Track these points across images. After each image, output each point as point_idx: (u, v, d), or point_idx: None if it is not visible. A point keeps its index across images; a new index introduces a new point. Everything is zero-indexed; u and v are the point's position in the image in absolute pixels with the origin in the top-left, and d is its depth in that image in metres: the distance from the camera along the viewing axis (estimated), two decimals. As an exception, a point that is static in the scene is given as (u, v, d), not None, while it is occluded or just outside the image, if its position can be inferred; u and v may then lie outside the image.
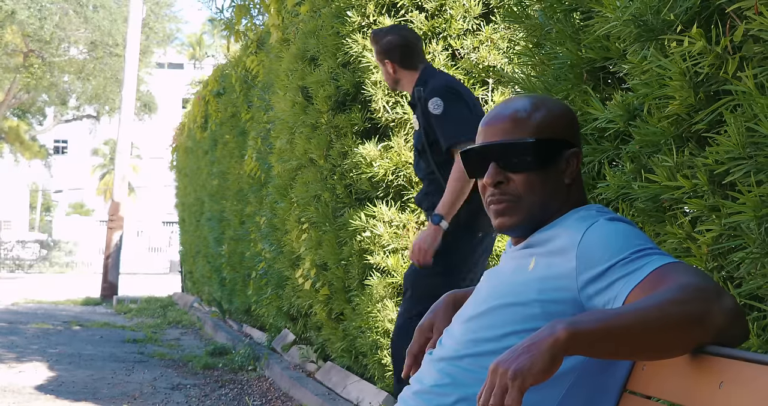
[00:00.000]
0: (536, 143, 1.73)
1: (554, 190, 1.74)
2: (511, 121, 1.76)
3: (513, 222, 1.74)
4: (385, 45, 4.07)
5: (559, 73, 2.77)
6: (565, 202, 1.75)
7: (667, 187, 2.22)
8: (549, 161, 1.73)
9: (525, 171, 1.73)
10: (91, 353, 8.68)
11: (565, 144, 1.76)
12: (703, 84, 2.15)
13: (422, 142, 3.93)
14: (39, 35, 25.37)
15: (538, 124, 1.74)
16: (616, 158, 2.60)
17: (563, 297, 1.57)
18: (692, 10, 2.18)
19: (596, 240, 1.57)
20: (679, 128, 2.25)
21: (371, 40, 4.12)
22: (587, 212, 1.68)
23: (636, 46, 2.38)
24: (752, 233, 1.98)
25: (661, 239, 2.28)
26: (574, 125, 1.79)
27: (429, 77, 4.01)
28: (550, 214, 1.74)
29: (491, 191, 1.75)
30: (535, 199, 1.72)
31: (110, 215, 16.82)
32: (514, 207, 1.73)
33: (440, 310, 1.92)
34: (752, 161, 1.98)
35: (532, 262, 1.65)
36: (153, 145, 49.96)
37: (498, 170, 1.74)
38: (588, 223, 1.61)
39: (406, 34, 4.10)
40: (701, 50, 2.10)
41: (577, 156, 1.76)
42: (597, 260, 1.54)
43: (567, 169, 1.75)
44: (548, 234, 1.68)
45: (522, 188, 1.73)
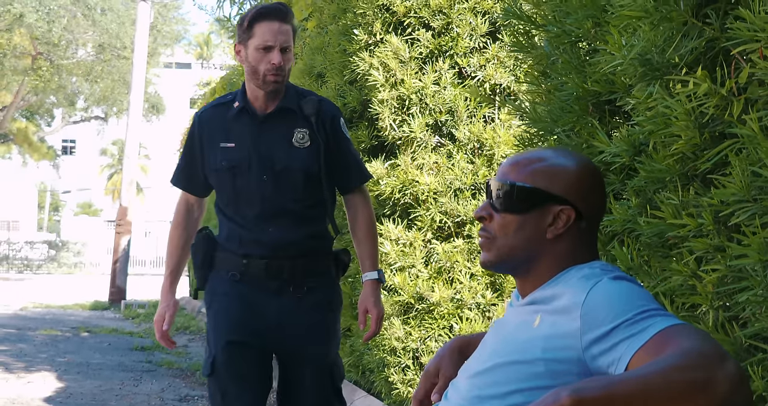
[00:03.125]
0: (514, 188, 1.76)
1: (530, 240, 1.75)
2: (514, 164, 1.81)
3: (486, 259, 1.79)
4: (296, 27, 3.43)
5: (564, 105, 2.78)
6: (548, 256, 1.75)
7: (672, 224, 2.22)
8: (527, 209, 1.75)
9: (503, 212, 1.77)
10: (99, 362, 8.71)
11: (554, 199, 1.75)
12: (708, 124, 2.15)
13: (319, 163, 3.31)
14: (47, 38, 25.44)
15: (533, 172, 1.77)
16: (622, 191, 2.61)
17: (567, 356, 1.58)
18: (697, 50, 2.18)
19: (600, 300, 1.57)
20: (684, 166, 2.26)
21: (288, 16, 3.33)
22: (591, 270, 1.68)
23: (642, 84, 2.38)
24: (757, 276, 1.99)
25: (666, 276, 2.29)
26: (582, 185, 1.77)
27: (301, 88, 3.51)
28: (526, 263, 1.76)
29: (481, 226, 1.82)
30: (505, 243, 1.76)
31: (118, 219, 16.86)
32: (489, 245, 1.78)
33: (446, 355, 1.93)
34: (757, 205, 1.99)
35: (537, 319, 1.66)
36: (161, 144, 50.04)
37: (486, 206, 1.80)
38: (592, 282, 1.62)
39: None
40: (707, 91, 2.10)
41: (569, 215, 1.75)
42: (601, 320, 1.55)
43: (552, 225, 1.75)
44: (552, 291, 1.69)
45: (497, 228, 1.77)
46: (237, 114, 3.34)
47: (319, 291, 3.33)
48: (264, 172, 3.29)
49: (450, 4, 4.77)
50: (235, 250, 3.29)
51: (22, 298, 18.00)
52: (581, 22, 2.70)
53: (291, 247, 3.28)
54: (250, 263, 3.27)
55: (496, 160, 4.69)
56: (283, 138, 3.32)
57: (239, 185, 3.31)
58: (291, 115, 3.34)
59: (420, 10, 4.80)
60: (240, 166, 3.30)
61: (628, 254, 2.40)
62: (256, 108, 3.34)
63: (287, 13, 3.33)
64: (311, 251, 3.33)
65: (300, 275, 3.29)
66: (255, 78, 3.28)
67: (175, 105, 48.45)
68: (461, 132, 4.70)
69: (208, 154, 3.36)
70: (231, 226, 3.33)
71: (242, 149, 3.31)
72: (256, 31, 3.26)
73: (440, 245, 4.64)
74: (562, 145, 2.78)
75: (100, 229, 43.33)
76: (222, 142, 3.34)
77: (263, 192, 3.28)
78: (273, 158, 3.29)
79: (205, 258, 3.33)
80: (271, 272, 3.27)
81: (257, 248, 3.27)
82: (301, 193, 3.30)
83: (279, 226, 3.28)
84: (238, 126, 3.34)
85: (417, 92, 4.74)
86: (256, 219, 3.29)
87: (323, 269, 3.37)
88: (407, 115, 4.80)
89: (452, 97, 4.70)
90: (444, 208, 4.65)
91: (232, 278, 3.28)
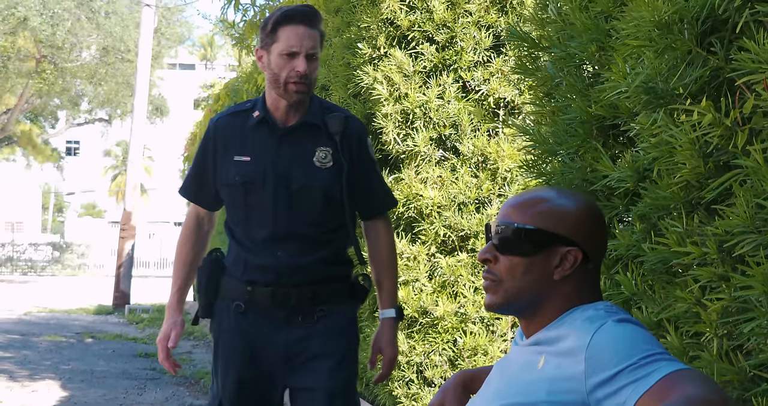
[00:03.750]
0: (519, 230, 1.75)
1: (537, 282, 1.75)
2: (516, 206, 1.80)
3: (492, 301, 1.78)
4: (323, 33, 3.16)
5: (568, 128, 2.78)
6: (554, 297, 1.75)
7: (676, 252, 2.22)
8: (534, 252, 1.75)
9: (509, 254, 1.76)
10: (104, 369, 8.71)
11: (560, 240, 1.76)
12: (712, 154, 2.15)
13: (341, 186, 3.08)
14: (51, 41, 25.46)
15: (537, 214, 1.77)
16: (626, 215, 2.61)
17: (572, 399, 1.58)
18: (702, 79, 2.18)
19: (604, 343, 1.58)
20: (689, 194, 2.25)
21: (315, 20, 3.07)
22: (596, 312, 1.68)
23: (646, 111, 2.38)
24: (762, 307, 1.98)
25: (670, 303, 2.29)
26: (586, 225, 1.77)
27: (326, 101, 3.28)
28: (533, 304, 1.76)
29: (484, 268, 1.81)
30: (513, 285, 1.75)
31: (122, 224, 16.88)
32: (495, 287, 1.77)
33: (450, 390, 1.93)
34: (762, 236, 1.98)
35: (542, 360, 1.66)
36: (165, 146, 50.06)
37: (490, 248, 1.79)
38: (596, 324, 1.62)
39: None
40: (711, 121, 2.10)
41: (576, 256, 1.75)
42: (605, 364, 1.55)
43: (559, 266, 1.75)
44: (556, 333, 1.69)
45: (503, 271, 1.76)
46: (256, 125, 3.09)
47: (332, 320, 3.06)
48: (279, 191, 3.05)
49: (454, 18, 4.78)
50: (239, 276, 3.08)
51: (27, 302, 18.03)
52: (585, 46, 2.69)
53: (298, 273, 3.03)
54: (255, 291, 3.05)
55: (500, 174, 4.69)
56: (303, 156, 3.07)
57: (252, 203, 3.07)
58: (314, 131, 3.09)
59: (424, 24, 4.80)
60: (254, 183, 3.06)
61: (632, 280, 2.40)
62: (277, 119, 3.09)
63: (315, 17, 3.07)
64: (322, 278, 3.07)
65: (309, 303, 3.03)
66: (277, 86, 3.03)
67: (178, 106, 48.47)
68: (465, 146, 4.70)
69: (221, 166, 3.12)
70: (238, 249, 3.11)
71: (258, 164, 3.06)
72: (280, 36, 3.01)
73: (444, 259, 4.64)
74: (566, 168, 2.79)
75: (104, 230, 43.36)
76: (237, 155, 3.09)
77: (276, 213, 3.05)
78: (290, 177, 3.05)
79: (210, 284, 3.11)
80: (277, 300, 3.02)
81: (262, 275, 3.04)
82: (319, 217, 3.06)
83: (288, 250, 3.03)
84: (255, 138, 3.09)
85: (421, 106, 4.74)
86: (265, 242, 3.05)
87: (337, 296, 3.10)
88: (411, 129, 4.80)
89: (456, 111, 4.70)
90: (448, 222, 4.65)
91: (236, 309, 3.06)
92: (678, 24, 2.17)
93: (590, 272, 1.77)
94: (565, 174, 2.77)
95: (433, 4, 4.77)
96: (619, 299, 2.45)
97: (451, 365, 4.62)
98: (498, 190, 4.71)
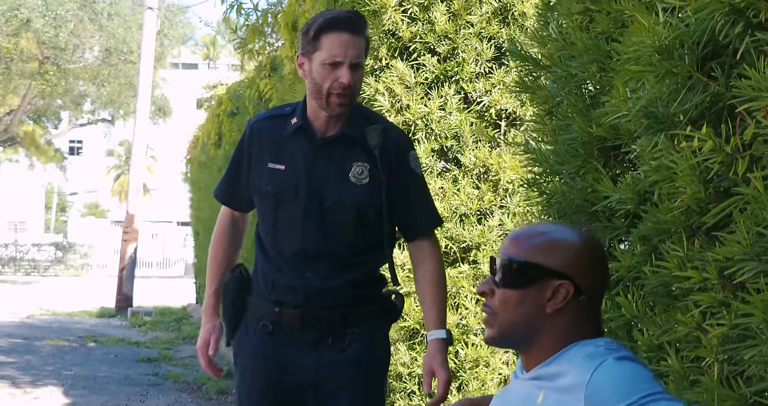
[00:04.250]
0: (511, 263, 1.77)
1: (530, 315, 1.75)
2: (514, 239, 1.82)
3: (489, 335, 1.79)
4: (369, 40, 2.97)
5: (569, 148, 2.78)
6: (549, 331, 1.76)
7: (677, 276, 2.22)
8: (526, 284, 1.76)
9: (504, 287, 1.77)
10: (106, 375, 8.72)
11: (553, 273, 1.76)
12: (713, 180, 2.15)
13: (377, 204, 2.90)
14: (54, 43, 25.48)
15: (531, 248, 1.78)
16: (627, 236, 2.61)
17: (571, 436, 1.59)
18: (702, 104, 2.18)
19: (605, 381, 1.58)
20: (689, 219, 2.25)
21: (360, 26, 2.88)
22: (596, 349, 1.68)
23: (647, 135, 2.38)
24: (762, 334, 1.98)
25: (670, 326, 2.29)
26: (582, 260, 1.78)
27: (370, 111, 3.14)
28: (528, 338, 1.76)
29: (484, 301, 1.82)
30: (506, 318, 1.76)
31: (125, 227, 16.90)
32: (492, 321, 1.78)
33: (450, 419, 1.93)
34: (762, 264, 1.98)
35: (541, 395, 1.66)
36: (168, 146, 50.08)
37: (488, 281, 1.81)
38: (597, 362, 1.62)
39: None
40: (711, 148, 2.10)
41: (568, 289, 1.75)
42: (605, 402, 1.55)
43: (551, 299, 1.76)
44: (556, 369, 1.69)
45: (498, 304, 1.78)
46: (293, 133, 2.93)
47: (364, 344, 2.91)
48: (311, 206, 2.88)
49: (455, 29, 4.78)
50: (266, 295, 2.93)
51: (30, 304, 18.04)
52: (586, 66, 2.70)
53: (329, 296, 2.87)
54: (283, 312, 2.89)
55: (502, 185, 4.69)
56: (338, 170, 2.90)
57: (282, 216, 2.91)
58: (352, 143, 2.92)
59: (425, 36, 4.80)
60: (286, 194, 2.90)
61: (633, 302, 2.40)
62: (316, 129, 2.92)
63: (360, 23, 2.88)
64: (353, 300, 2.91)
65: (340, 326, 2.88)
66: (318, 97, 2.85)
67: (181, 106, 48.49)
68: (467, 157, 4.70)
69: (255, 171, 2.97)
70: (265, 264, 2.95)
71: (292, 174, 2.90)
72: (323, 43, 2.82)
73: (446, 271, 4.64)
74: (568, 187, 2.78)
75: (107, 230, 43.36)
76: (271, 162, 2.93)
77: (305, 229, 2.88)
78: (323, 192, 2.88)
79: (236, 302, 2.97)
80: (307, 322, 2.87)
81: (290, 296, 2.89)
82: (351, 237, 2.90)
83: (317, 271, 2.88)
84: (292, 146, 2.93)
85: (422, 118, 4.74)
86: (294, 258, 2.89)
87: (369, 317, 2.95)
88: (413, 141, 4.80)
89: (458, 123, 4.71)
90: (449, 233, 4.65)
91: (263, 329, 2.91)
92: (678, 49, 2.17)
93: (586, 306, 1.77)
94: (566, 194, 2.77)
95: (435, 16, 4.77)
96: (621, 321, 2.45)
97: (453, 376, 4.62)
98: (500, 202, 4.71)
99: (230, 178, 3.09)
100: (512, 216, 4.67)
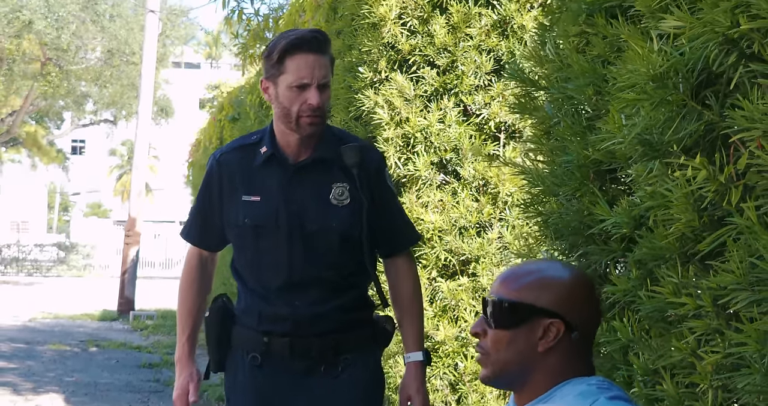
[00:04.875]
0: (501, 303, 1.78)
1: (522, 355, 1.77)
2: (504, 280, 1.83)
3: (484, 375, 1.80)
4: (333, 57, 2.89)
5: (565, 170, 2.78)
6: (541, 369, 1.77)
7: (672, 303, 2.23)
8: (517, 324, 1.77)
9: (495, 328, 1.79)
10: (107, 381, 8.74)
11: (543, 312, 1.77)
12: (707, 209, 2.16)
13: (360, 224, 2.83)
14: (56, 44, 25.51)
15: (521, 287, 1.80)
16: (622, 260, 2.61)
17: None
18: (697, 133, 2.19)
19: (596, 421, 1.59)
20: (683, 246, 2.26)
21: (325, 45, 2.81)
22: (588, 388, 1.69)
23: (642, 161, 2.39)
24: (756, 363, 1.99)
25: (665, 352, 2.29)
26: (572, 297, 1.79)
27: (339, 130, 3.06)
28: (521, 377, 1.77)
29: (477, 341, 1.84)
30: (499, 358, 1.78)
31: (127, 230, 16.91)
32: (485, 361, 1.80)
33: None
34: (755, 293, 1.99)
35: (533, 433, 1.67)
36: (171, 145, 50.11)
37: (480, 322, 1.82)
38: (588, 401, 1.63)
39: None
40: (705, 177, 2.11)
41: (558, 328, 1.76)
42: (596, 442, 1.56)
43: (542, 338, 1.77)
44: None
45: (490, 344, 1.79)
46: (264, 162, 2.85)
47: (357, 370, 2.86)
48: (293, 234, 2.81)
49: (455, 42, 4.78)
50: (254, 326, 2.85)
51: (32, 306, 18.07)
52: (583, 89, 2.70)
53: (319, 322, 2.82)
54: (272, 341, 2.83)
55: (501, 198, 4.70)
56: (318, 194, 2.83)
57: (263, 247, 2.83)
58: (329, 165, 2.85)
59: (425, 48, 4.81)
60: (266, 226, 2.82)
61: (628, 326, 2.41)
62: (288, 155, 2.85)
63: (324, 42, 2.79)
64: (344, 325, 2.85)
65: (332, 352, 2.83)
66: (287, 121, 2.77)
67: (184, 106, 48.52)
68: (466, 170, 4.71)
69: (228, 207, 2.88)
70: (250, 297, 2.88)
71: (269, 205, 2.82)
72: (288, 66, 2.73)
73: (445, 283, 4.65)
74: (565, 208, 2.79)
75: (109, 230, 43.37)
76: (245, 195, 2.84)
77: (291, 258, 2.81)
78: (305, 217, 2.81)
79: (221, 336, 2.89)
80: (297, 351, 2.81)
81: (279, 325, 2.83)
82: (337, 259, 2.83)
83: (306, 298, 2.81)
84: (264, 176, 2.85)
85: (422, 130, 4.75)
86: (280, 290, 2.83)
87: (361, 343, 2.89)
88: (412, 154, 4.81)
89: (457, 135, 4.72)
90: (449, 246, 4.66)
91: (252, 361, 2.84)
92: (673, 77, 2.17)
93: (578, 343, 1.78)
94: (563, 215, 2.78)
95: (434, 29, 4.78)
96: (617, 345, 2.46)
97: (452, 389, 4.63)
98: (499, 214, 4.72)
99: (199, 217, 2.99)
100: (511, 229, 4.67)
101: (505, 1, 4.76)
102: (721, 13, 1.96)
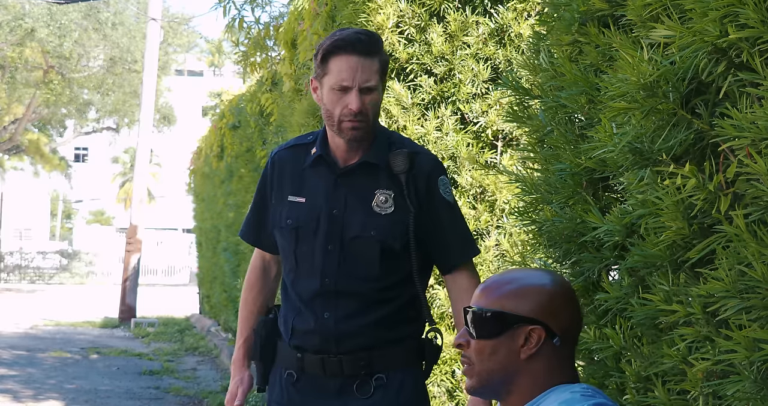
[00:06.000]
0: (481, 313, 1.79)
1: (504, 363, 1.78)
2: (484, 290, 1.84)
3: (470, 385, 1.82)
4: (386, 59, 2.76)
5: (558, 179, 2.80)
6: (525, 377, 1.78)
7: (663, 310, 2.24)
8: (498, 333, 1.78)
9: (478, 338, 1.80)
10: (108, 388, 8.75)
11: (523, 320, 1.79)
12: (697, 217, 2.17)
13: (404, 235, 2.69)
14: (58, 52, 25.59)
15: (501, 296, 1.81)
16: (615, 267, 2.63)
17: None
18: (686, 141, 2.20)
19: (580, 429, 1.60)
20: (674, 254, 2.27)
21: (372, 47, 2.69)
22: (572, 395, 1.71)
23: (633, 169, 2.40)
24: (745, 370, 2.00)
25: (657, 359, 2.31)
26: (552, 303, 1.80)
27: (397, 136, 2.89)
28: (505, 385, 1.79)
29: (461, 353, 1.85)
30: (482, 368, 1.79)
31: (128, 237, 16.93)
32: (470, 371, 1.81)
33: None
34: (744, 301, 2.01)
35: (518, 441, 1.68)
36: (173, 151, 50.14)
37: (463, 334, 1.83)
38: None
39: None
40: (695, 185, 2.12)
41: (539, 334, 1.78)
42: (579, 449, 1.58)
43: (524, 346, 1.78)
44: (533, 414, 1.72)
45: (473, 354, 1.80)
46: (313, 163, 2.75)
47: (391, 389, 2.70)
48: (332, 240, 2.69)
49: (452, 50, 4.80)
50: (287, 340, 2.76)
51: (34, 314, 18.07)
52: (575, 98, 2.72)
53: (349, 339, 2.68)
54: (305, 359, 2.72)
55: (498, 205, 4.72)
56: (361, 200, 2.70)
57: (301, 253, 2.73)
58: (376, 171, 2.72)
59: (422, 57, 4.83)
60: (305, 228, 2.71)
61: (620, 334, 2.43)
62: (337, 157, 2.73)
63: (371, 43, 2.67)
64: (379, 342, 2.69)
65: (364, 371, 2.68)
66: (330, 123, 2.67)
67: (186, 113, 48.56)
68: (463, 178, 4.73)
69: (276, 205, 2.80)
70: (286, 307, 2.78)
71: (313, 207, 2.72)
72: (331, 67, 2.64)
73: (442, 291, 4.66)
74: (558, 216, 2.80)
75: (112, 237, 43.37)
76: (291, 195, 2.76)
77: (325, 265, 2.69)
78: (345, 224, 2.69)
79: (265, 349, 2.80)
80: (329, 369, 2.68)
81: (310, 340, 2.70)
82: (375, 271, 2.68)
83: (337, 311, 2.68)
84: (312, 177, 2.75)
85: (419, 138, 4.76)
86: (312, 300, 2.70)
87: (397, 361, 2.72)
88: (410, 161, 4.82)
89: (454, 144, 4.73)
90: (446, 253, 4.66)
91: (288, 378, 2.75)
92: (663, 86, 2.19)
93: (560, 349, 1.80)
94: (557, 223, 2.79)
95: (432, 37, 4.80)
96: (609, 352, 2.48)
97: (450, 396, 4.64)
98: (496, 222, 4.73)
99: (255, 216, 2.90)
100: (508, 236, 4.69)
101: (503, 10, 4.78)
102: (710, 23, 1.98)
